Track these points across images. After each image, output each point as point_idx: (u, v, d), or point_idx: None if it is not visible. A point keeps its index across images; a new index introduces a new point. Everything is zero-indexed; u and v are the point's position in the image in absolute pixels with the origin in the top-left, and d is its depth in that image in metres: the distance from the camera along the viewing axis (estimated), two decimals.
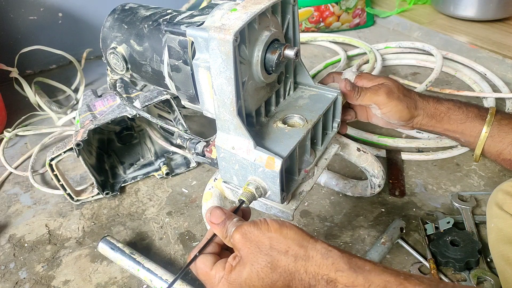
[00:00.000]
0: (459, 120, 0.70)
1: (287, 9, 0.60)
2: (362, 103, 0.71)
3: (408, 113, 0.71)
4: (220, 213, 0.51)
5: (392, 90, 0.70)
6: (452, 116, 0.71)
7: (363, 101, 0.71)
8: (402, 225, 0.80)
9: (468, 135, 0.70)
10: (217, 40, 0.49)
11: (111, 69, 0.70)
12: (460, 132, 0.71)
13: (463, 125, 0.70)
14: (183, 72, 0.58)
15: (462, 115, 0.70)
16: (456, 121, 0.70)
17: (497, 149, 0.67)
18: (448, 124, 0.71)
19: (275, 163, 0.53)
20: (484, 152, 0.70)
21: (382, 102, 0.70)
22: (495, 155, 0.68)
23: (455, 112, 0.71)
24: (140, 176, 1.00)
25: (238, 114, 0.53)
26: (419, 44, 1.36)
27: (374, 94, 0.70)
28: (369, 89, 0.71)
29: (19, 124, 1.24)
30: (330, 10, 1.61)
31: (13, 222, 0.92)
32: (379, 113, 0.72)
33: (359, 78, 0.75)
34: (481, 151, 0.69)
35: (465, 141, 0.72)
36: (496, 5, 1.51)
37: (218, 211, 0.51)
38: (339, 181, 0.90)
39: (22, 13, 1.43)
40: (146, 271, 0.75)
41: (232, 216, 0.51)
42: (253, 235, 0.47)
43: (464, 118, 0.70)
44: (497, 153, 0.68)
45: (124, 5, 0.69)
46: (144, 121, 1.05)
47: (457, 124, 0.70)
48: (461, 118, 0.70)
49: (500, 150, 0.67)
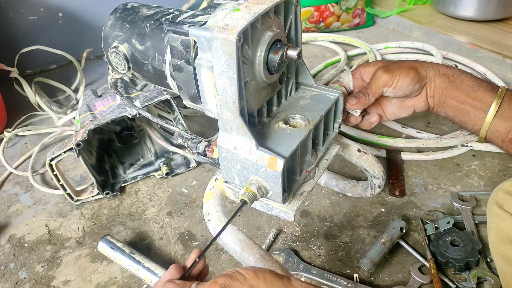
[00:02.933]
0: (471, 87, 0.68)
1: (289, 10, 0.60)
2: (376, 96, 0.71)
3: (416, 73, 0.69)
4: (172, 286, 0.47)
5: (387, 65, 0.70)
6: (465, 80, 0.69)
7: (376, 95, 0.71)
8: (402, 225, 0.80)
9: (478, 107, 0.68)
10: (220, 40, 0.49)
11: (112, 68, 0.70)
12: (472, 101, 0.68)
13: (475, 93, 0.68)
14: (185, 72, 0.58)
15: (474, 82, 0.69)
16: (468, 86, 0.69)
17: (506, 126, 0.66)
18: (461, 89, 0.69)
19: (277, 163, 0.54)
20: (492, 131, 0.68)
21: (387, 80, 0.69)
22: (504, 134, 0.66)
23: (468, 78, 0.69)
24: (140, 176, 1.00)
25: (241, 114, 0.53)
26: (419, 44, 1.36)
27: (377, 81, 0.70)
28: (371, 82, 0.71)
29: (19, 124, 1.24)
30: (330, 10, 1.61)
31: (13, 222, 0.92)
32: (392, 93, 0.71)
33: (356, 78, 0.75)
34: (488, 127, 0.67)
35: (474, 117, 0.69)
36: (496, 5, 1.52)
37: (170, 285, 0.47)
38: (339, 182, 0.90)
39: (22, 13, 1.43)
40: (146, 270, 0.75)
41: (186, 284, 0.47)
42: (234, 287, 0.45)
43: (476, 86, 0.68)
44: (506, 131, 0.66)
45: (126, 4, 0.69)
46: (144, 121, 1.05)
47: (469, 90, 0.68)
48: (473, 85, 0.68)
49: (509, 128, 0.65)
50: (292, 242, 0.82)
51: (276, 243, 0.82)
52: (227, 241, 0.61)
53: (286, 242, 0.82)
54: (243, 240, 0.61)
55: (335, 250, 0.80)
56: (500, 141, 0.70)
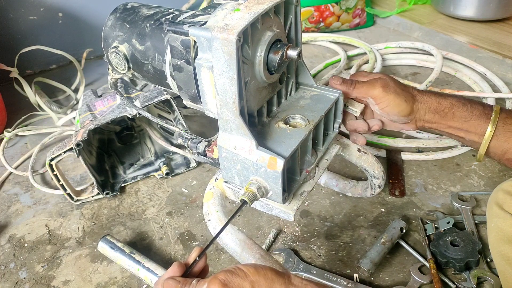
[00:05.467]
0: (464, 118, 0.68)
1: (289, 10, 0.60)
2: (359, 95, 0.70)
3: (407, 106, 0.69)
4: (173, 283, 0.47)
5: (388, 84, 0.69)
6: (457, 112, 0.69)
7: (360, 93, 0.69)
8: (402, 225, 0.80)
9: (473, 134, 0.68)
10: (220, 40, 0.49)
11: (112, 68, 0.70)
12: (465, 130, 0.69)
13: (468, 123, 0.68)
14: (186, 72, 0.58)
15: (466, 113, 0.68)
16: (460, 118, 0.68)
17: (502, 148, 0.66)
18: (452, 121, 0.69)
19: (277, 163, 0.54)
20: (489, 152, 0.69)
21: (378, 95, 0.68)
22: (500, 155, 0.67)
23: (459, 109, 0.69)
24: (140, 176, 1.00)
25: (241, 114, 0.53)
26: (419, 44, 1.36)
27: (370, 87, 0.69)
28: (366, 82, 0.70)
29: (19, 124, 1.24)
30: (330, 10, 1.61)
31: (13, 222, 0.92)
32: (377, 109, 0.71)
33: (354, 76, 0.74)
34: (485, 151, 0.68)
35: (469, 140, 0.70)
36: (496, 5, 1.52)
37: (170, 282, 0.47)
38: (339, 182, 0.90)
39: (22, 13, 1.43)
40: (146, 270, 0.75)
41: (187, 281, 0.48)
42: (234, 283, 0.45)
43: (469, 116, 0.68)
44: (502, 152, 0.66)
45: (126, 4, 0.69)
46: (144, 121, 1.05)
47: (461, 121, 0.68)
48: (466, 116, 0.68)
49: (505, 149, 0.66)
50: (292, 242, 0.82)
51: (276, 243, 0.82)
52: (227, 241, 0.61)
53: (286, 242, 0.82)
54: (243, 240, 0.61)
55: (335, 250, 0.80)
56: (498, 159, 0.70)
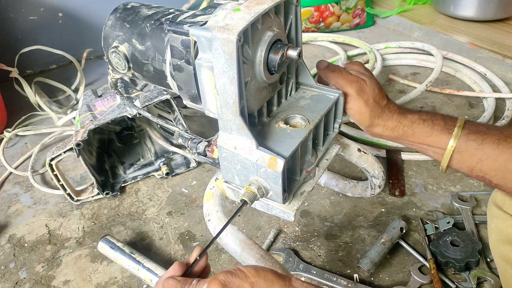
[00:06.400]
0: (424, 133, 0.67)
1: (290, 10, 0.59)
2: (332, 81, 0.68)
3: (369, 119, 0.68)
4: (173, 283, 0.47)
5: (364, 90, 0.67)
6: (416, 129, 0.67)
7: (336, 83, 0.68)
8: (402, 225, 0.80)
9: (435, 148, 0.67)
10: (221, 40, 0.49)
11: (112, 68, 0.69)
12: (427, 145, 0.67)
13: (429, 138, 0.66)
14: (186, 72, 0.57)
15: (427, 128, 0.66)
16: (421, 134, 0.67)
17: (468, 165, 0.64)
18: (413, 137, 0.67)
19: (278, 163, 0.53)
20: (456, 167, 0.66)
21: (349, 95, 0.67)
22: (468, 171, 0.65)
23: (420, 126, 0.67)
24: (140, 176, 1.00)
25: (241, 114, 0.53)
26: (419, 44, 1.36)
27: (347, 83, 0.67)
28: (347, 77, 0.68)
29: (19, 124, 1.24)
30: (330, 10, 1.61)
31: (13, 222, 0.92)
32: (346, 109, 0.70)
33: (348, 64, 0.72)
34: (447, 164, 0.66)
35: (434, 153, 0.68)
36: (496, 5, 1.52)
37: (171, 281, 0.47)
38: (339, 182, 0.90)
39: (22, 13, 1.43)
40: (146, 270, 0.75)
41: (187, 280, 0.48)
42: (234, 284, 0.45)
43: (430, 131, 0.66)
44: (469, 169, 0.64)
45: (126, 4, 0.69)
46: (144, 121, 1.05)
47: (422, 137, 0.67)
48: (426, 131, 0.66)
49: (471, 166, 0.64)
50: (292, 242, 0.82)
51: (276, 243, 0.82)
52: (227, 241, 0.61)
53: (286, 242, 0.82)
54: (243, 240, 0.61)
55: (335, 250, 0.80)
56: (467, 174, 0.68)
